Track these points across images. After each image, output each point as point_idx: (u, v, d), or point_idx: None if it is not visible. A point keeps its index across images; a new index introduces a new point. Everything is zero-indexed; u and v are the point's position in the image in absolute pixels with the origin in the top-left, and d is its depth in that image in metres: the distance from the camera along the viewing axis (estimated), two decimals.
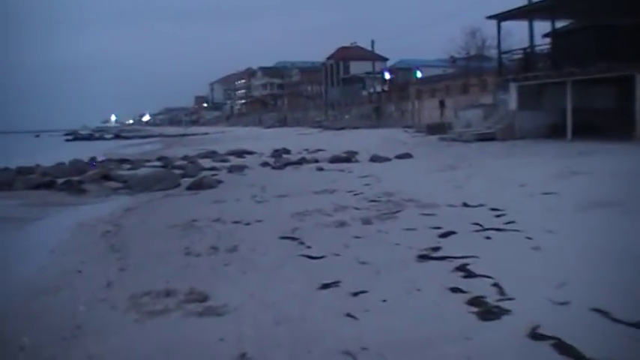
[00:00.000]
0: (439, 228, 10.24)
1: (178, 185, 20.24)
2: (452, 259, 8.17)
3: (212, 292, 7.35)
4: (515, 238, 9.36)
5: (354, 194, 14.96)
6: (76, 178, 22.37)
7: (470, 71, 60.33)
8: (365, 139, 40.69)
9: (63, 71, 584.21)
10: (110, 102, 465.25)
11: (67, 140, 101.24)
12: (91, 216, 14.70)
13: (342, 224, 11.15)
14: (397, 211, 12.07)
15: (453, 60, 72.36)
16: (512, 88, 32.55)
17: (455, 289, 6.90)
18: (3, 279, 9.21)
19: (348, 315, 6.30)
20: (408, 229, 10.35)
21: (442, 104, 54.78)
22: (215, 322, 6.45)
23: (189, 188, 19.18)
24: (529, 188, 13.86)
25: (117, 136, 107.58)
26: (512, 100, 32.70)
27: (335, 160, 25.46)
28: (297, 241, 10.06)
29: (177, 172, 23.39)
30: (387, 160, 24.45)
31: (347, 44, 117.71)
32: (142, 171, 24.80)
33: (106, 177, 22.74)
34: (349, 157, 26.09)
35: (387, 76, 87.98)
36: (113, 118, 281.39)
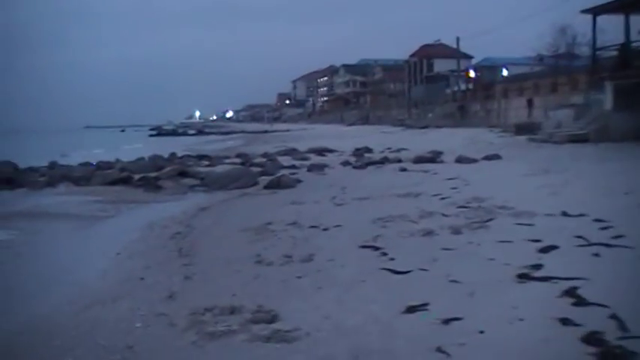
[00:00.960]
0: (538, 241, 9.13)
1: (256, 184, 19.60)
2: (557, 281, 7.09)
3: (282, 311, 6.51)
4: (627, 255, 8.20)
5: (441, 198, 13.92)
6: (153, 175, 22.02)
7: (559, 69, 58.07)
8: (449, 139, 39.40)
9: (148, 68, 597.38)
10: (195, 99, 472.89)
11: (151, 135, 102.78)
12: (164, 215, 14.15)
13: (428, 233, 10.14)
14: (489, 220, 10.99)
15: (540, 58, 69.99)
16: (608, 86, 30.73)
17: (565, 321, 5.83)
18: (60, 284, 8.59)
19: (439, 350, 5.33)
20: (502, 242, 9.28)
21: (530, 103, 52.77)
22: (283, 350, 5.58)
23: (266, 187, 18.50)
24: (636, 197, 12.55)
25: (199, 132, 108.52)
26: (607, 99, 30.87)
27: (419, 160, 24.35)
28: (379, 251, 9.13)
29: (255, 169, 22.76)
30: (474, 161, 23.21)
31: (430, 42, 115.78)
32: (219, 168, 24.29)
33: (183, 173, 22.30)
34: (434, 158, 24.94)
35: (472, 74, 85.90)
36: (197, 114, 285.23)
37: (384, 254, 8.90)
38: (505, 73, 79.64)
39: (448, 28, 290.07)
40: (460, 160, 23.51)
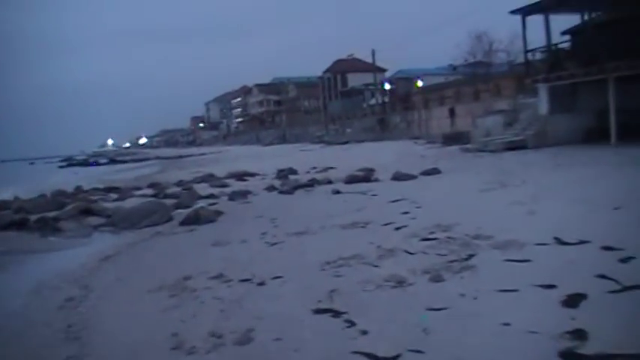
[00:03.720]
0: (552, 287, 6.84)
1: (170, 219, 16.93)
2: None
3: None
4: None
5: (396, 228, 11.50)
6: (52, 214, 18.97)
7: (478, 77, 57.05)
8: (376, 154, 37.32)
9: (60, 96, 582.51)
10: (107, 126, 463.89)
11: (61, 167, 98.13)
12: (57, 270, 11.35)
13: (399, 283, 7.69)
14: (470, 257, 8.63)
15: (454, 67, 69.38)
16: (542, 89, 29.11)
17: None
18: None
19: None
20: (504, 291, 6.93)
21: (452, 112, 51.46)
22: None
23: (183, 223, 15.83)
24: (627, 211, 10.46)
25: (112, 161, 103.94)
26: (542, 103, 29.25)
27: (351, 180, 21.93)
28: (342, 317, 6.64)
29: (169, 202, 19.97)
30: (413, 177, 20.98)
31: (343, 57, 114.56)
32: (129, 202, 21.36)
33: (87, 211, 19.33)
34: (367, 176, 22.55)
35: (388, 86, 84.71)
36: (110, 142, 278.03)
37: (350, 323, 6.41)
38: (420, 84, 78.46)
39: (359, 44, 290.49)
40: (397, 177, 21.21)
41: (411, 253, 9.21)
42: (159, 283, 9.03)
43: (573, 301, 6.30)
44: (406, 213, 13.17)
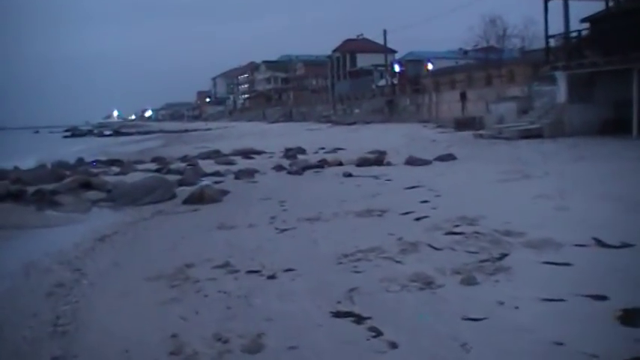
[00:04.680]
0: (602, 298, 6.02)
1: (173, 197, 16.10)
2: None
3: None
4: None
5: (416, 219, 10.66)
6: (49, 187, 18.13)
7: (490, 62, 56.01)
8: (385, 136, 36.48)
9: (67, 67, 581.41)
10: (113, 98, 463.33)
11: (65, 137, 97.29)
12: (50, 249, 10.45)
13: (427, 283, 6.86)
14: (502, 256, 7.80)
15: (465, 52, 68.35)
16: (561, 77, 28.15)
17: None
18: None
19: None
20: (548, 300, 6.11)
21: (463, 97, 50.39)
22: None
23: (186, 202, 15.00)
24: None
25: (116, 133, 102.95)
26: (560, 91, 28.31)
27: (363, 162, 21.06)
28: (365, 324, 5.81)
29: (172, 178, 19.12)
30: (427, 162, 20.13)
31: (353, 37, 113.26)
32: (131, 177, 20.53)
33: (87, 185, 18.48)
34: (379, 159, 21.66)
35: (397, 68, 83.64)
36: (115, 113, 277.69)
37: (376, 332, 5.57)
38: (430, 67, 77.37)
39: (370, 24, 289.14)
40: (411, 161, 20.37)
41: (436, 249, 8.38)
42: (158, 271, 8.21)
43: (632, 318, 5.47)
44: (425, 202, 12.33)
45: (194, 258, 8.76)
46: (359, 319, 5.91)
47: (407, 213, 11.20)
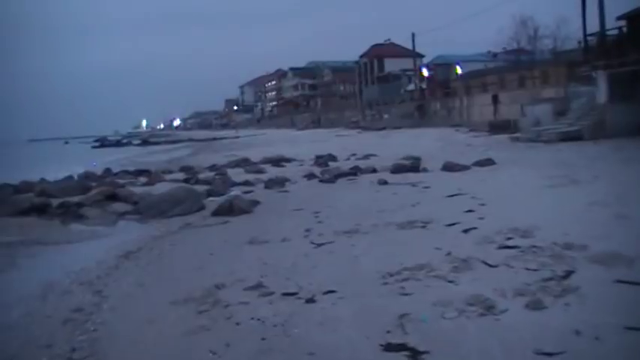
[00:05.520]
0: None
1: (202, 208, 15.45)
2: None
3: None
4: None
5: (463, 231, 9.82)
6: (75, 199, 17.56)
7: (522, 63, 54.92)
8: (417, 141, 35.59)
9: (98, 78, 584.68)
10: (143, 108, 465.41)
11: (94, 147, 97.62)
12: (72, 267, 9.81)
13: (488, 308, 6.05)
14: (568, 274, 6.96)
15: (494, 54, 67.41)
16: (601, 77, 27.14)
17: None
18: None
19: None
20: (634, 329, 5.27)
21: (496, 100, 49.28)
22: None
23: (215, 214, 14.33)
24: None
25: (145, 142, 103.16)
26: (600, 91, 27.29)
27: (398, 169, 20.24)
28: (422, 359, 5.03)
29: (201, 188, 18.49)
30: (465, 168, 19.29)
31: (380, 42, 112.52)
32: (159, 187, 19.92)
33: (113, 197, 17.89)
34: (415, 166, 20.81)
35: (425, 72, 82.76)
36: (144, 123, 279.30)
37: None
38: (459, 70, 76.43)
39: (397, 28, 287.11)
40: (448, 167, 19.52)
41: (491, 266, 7.55)
42: (185, 293, 7.49)
43: None
44: (470, 211, 11.49)
45: (224, 278, 8.03)
46: (414, 354, 5.12)
47: (452, 224, 10.38)
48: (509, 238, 8.83)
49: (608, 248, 7.72)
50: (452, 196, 13.82)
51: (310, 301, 6.82)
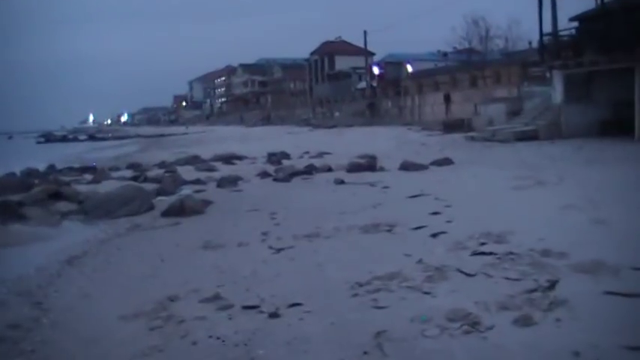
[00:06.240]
0: None
1: (151, 208, 14.64)
2: None
3: None
4: None
5: (432, 235, 9.26)
6: (15, 198, 16.57)
7: (473, 63, 54.94)
8: (370, 140, 35.16)
9: (42, 71, 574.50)
10: (89, 102, 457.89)
11: (39, 143, 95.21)
12: (8, 275, 8.94)
13: (472, 324, 5.47)
14: (552, 284, 6.44)
15: (444, 54, 67.63)
16: (557, 77, 27.02)
17: None
18: None
19: None
20: (636, 349, 4.77)
21: (448, 99, 49.30)
22: None
23: (165, 214, 13.56)
24: None
25: (91, 138, 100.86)
26: (556, 91, 27.20)
27: (354, 168, 19.66)
28: None
29: (150, 187, 17.67)
30: (424, 167, 18.84)
31: (331, 39, 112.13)
32: (105, 185, 19.06)
33: (57, 195, 16.93)
34: (371, 165, 20.26)
35: (376, 70, 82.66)
36: (91, 118, 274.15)
37: None
38: (410, 69, 76.41)
39: (348, 27, 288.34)
40: (406, 166, 19.03)
41: (468, 275, 7.00)
42: (135, 305, 6.78)
43: None
44: (436, 213, 10.96)
45: (177, 288, 7.34)
46: None
47: (419, 227, 9.83)
48: (483, 244, 8.32)
49: (589, 256, 7.24)
50: (414, 196, 13.30)
51: (274, 315, 6.17)
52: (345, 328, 5.65)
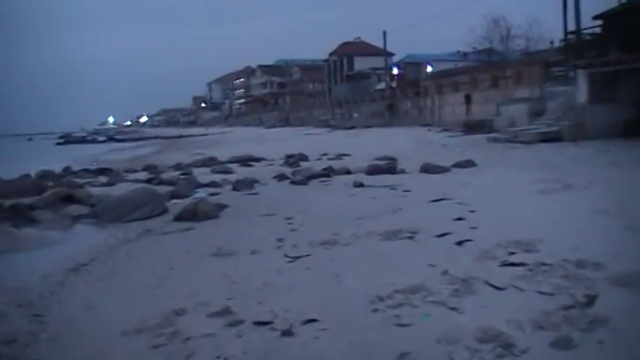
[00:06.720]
0: None
1: (164, 212, 14.23)
2: None
3: None
4: None
5: (457, 243, 8.73)
6: (27, 201, 16.21)
7: (494, 63, 54.25)
8: (390, 141, 34.67)
9: (63, 73, 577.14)
10: (109, 104, 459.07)
11: (58, 144, 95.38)
12: (10, 284, 8.53)
13: (505, 347, 4.95)
14: (591, 299, 5.90)
15: (464, 54, 67.07)
16: (581, 76, 26.36)
17: None
18: None
19: None
20: None
21: (468, 99, 48.70)
22: None
23: (178, 218, 13.12)
24: None
25: (110, 139, 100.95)
26: (581, 91, 26.53)
27: (373, 170, 19.14)
28: None
29: (164, 189, 17.27)
30: (445, 170, 18.29)
31: (350, 40, 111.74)
32: (119, 187, 18.69)
33: (69, 198, 16.55)
34: (391, 167, 19.72)
35: (396, 71, 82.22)
36: (111, 119, 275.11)
37: None
38: (429, 69, 75.83)
39: (367, 27, 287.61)
40: (427, 169, 18.50)
41: (497, 288, 6.47)
42: (139, 319, 6.32)
43: None
44: (460, 219, 10.42)
45: (185, 300, 6.87)
46: None
47: (443, 234, 9.29)
48: (512, 253, 7.76)
49: (628, 267, 6.71)
50: (436, 200, 12.77)
51: (287, 333, 5.67)
52: (364, 349, 5.15)
